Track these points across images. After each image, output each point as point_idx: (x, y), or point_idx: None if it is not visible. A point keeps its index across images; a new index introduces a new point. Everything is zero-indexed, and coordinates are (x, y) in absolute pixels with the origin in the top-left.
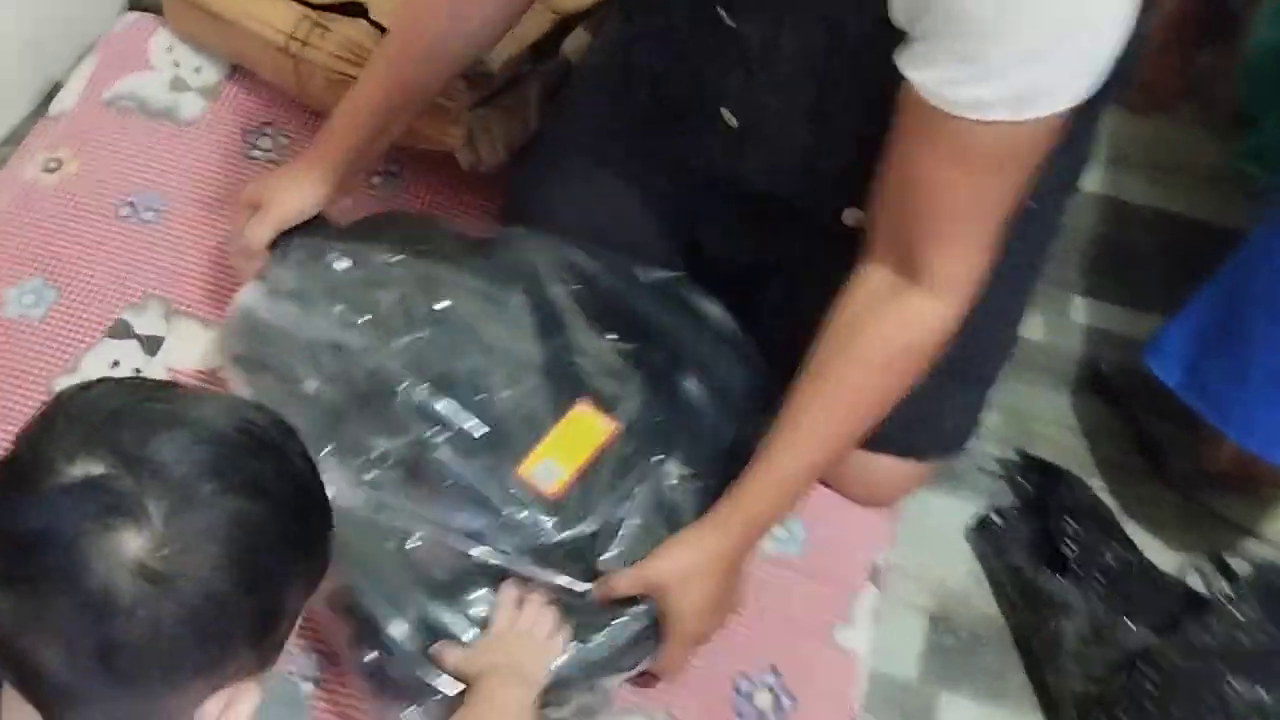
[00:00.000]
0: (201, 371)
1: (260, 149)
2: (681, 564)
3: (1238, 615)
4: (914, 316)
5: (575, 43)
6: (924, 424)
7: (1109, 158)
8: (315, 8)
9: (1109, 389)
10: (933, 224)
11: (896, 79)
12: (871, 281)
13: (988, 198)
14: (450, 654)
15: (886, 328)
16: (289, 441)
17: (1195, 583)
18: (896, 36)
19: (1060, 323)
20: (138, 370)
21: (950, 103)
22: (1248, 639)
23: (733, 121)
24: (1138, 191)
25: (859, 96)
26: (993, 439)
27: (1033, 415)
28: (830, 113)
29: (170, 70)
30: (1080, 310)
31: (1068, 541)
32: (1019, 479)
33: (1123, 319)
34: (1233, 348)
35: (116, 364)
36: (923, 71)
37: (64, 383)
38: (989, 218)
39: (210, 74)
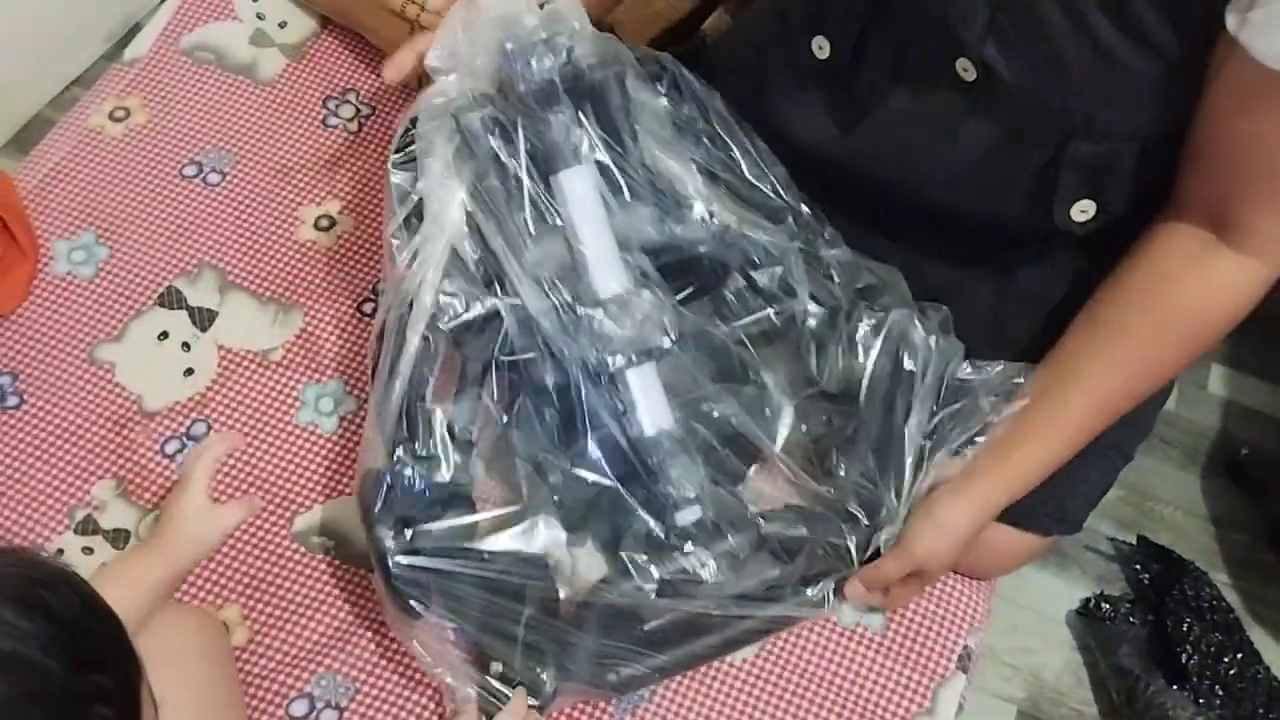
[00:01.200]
0: (253, 353)
1: (340, 117)
2: (944, 538)
3: None
4: (1226, 282)
5: (716, 24)
6: (1057, 497)
7: None
8: None
9: (1245, 474)
10: (1265, 186)
11: (1203, 35)
12: (1177, 239)
13: None
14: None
15: (1195, 291)
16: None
17: None
18: None
19: (1195, 393)
20: (186, 345)
21: None
22: None
23: (969, 75)
24: None
25: (1148, 57)
26: (1108, 516)
27: (1155, 494)
28: (1098, 77)
29: (254, 22)
30: (1219, 381)
31: (1187, 646)
32: (1135, 566)
33: (1268, 396)
34: None
35: (165, 336)
36: (1274, 36)
37: (108, 351)
38: None
39: (296, 30)
